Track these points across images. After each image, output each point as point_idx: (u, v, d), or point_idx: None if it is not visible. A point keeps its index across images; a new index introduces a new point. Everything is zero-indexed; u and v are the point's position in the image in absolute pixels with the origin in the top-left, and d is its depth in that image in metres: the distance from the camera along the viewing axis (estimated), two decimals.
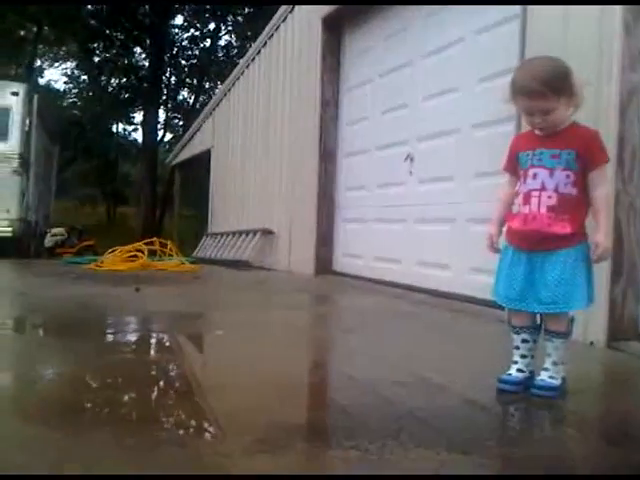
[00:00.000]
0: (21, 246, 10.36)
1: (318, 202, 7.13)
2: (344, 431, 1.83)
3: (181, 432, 1.83)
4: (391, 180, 6.02)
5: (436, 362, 2.91)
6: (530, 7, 3.95)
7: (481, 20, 4.78)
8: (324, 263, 7.11)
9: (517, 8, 4.12)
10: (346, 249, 6.94)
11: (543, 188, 2.21)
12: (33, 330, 3.76)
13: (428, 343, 3.43)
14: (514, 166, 2.37)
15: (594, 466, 1.70)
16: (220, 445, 1.70)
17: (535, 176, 2.23)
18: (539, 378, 2.26)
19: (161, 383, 2.52)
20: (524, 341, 2.31)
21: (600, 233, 2.18)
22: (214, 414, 2.00)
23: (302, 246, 7.57)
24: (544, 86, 2.11)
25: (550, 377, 2.24)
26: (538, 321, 2.32)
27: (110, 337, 3.52)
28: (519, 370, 2.31)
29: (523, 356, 2.31)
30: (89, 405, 2.07)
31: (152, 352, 3.21)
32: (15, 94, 10.29)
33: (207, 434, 1.82)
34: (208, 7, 23.98)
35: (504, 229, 2.38)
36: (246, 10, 23.80)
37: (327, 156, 7.08)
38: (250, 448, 1.65)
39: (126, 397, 2.17)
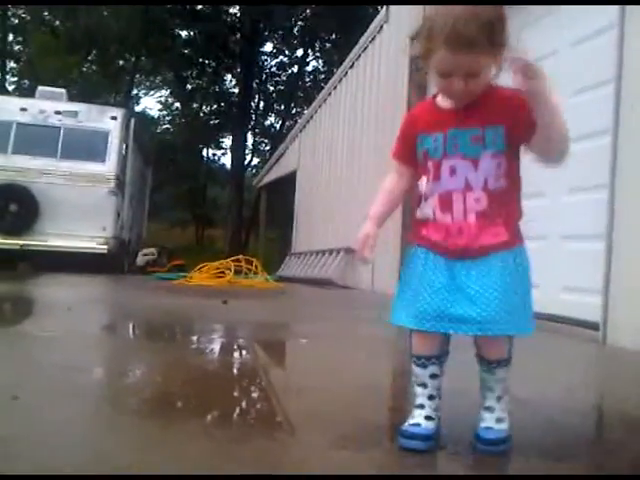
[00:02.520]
0: (115, 263, 10.80)
1: (402, 220, 7.07)
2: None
3: (267, 427, 1.83)
4: None
5: (524, 381, 2.80)
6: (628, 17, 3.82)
7: (575, 33, 4.66)
8: None
9: (613, 18, 3.99)
10: None
11: (468, 187, 1.61)
12: (127, 334, 3.90)
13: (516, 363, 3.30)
14: (409, 153, 1.71)
15: None
16: (306, 439, 1.69)
17: (453, 171, 1.62)
18: (484, 426, 1.66)
19: (245, 384, 2.54)
20: (433, 376, 1.69)
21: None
22: (298, 412, 2.00)
23: (386, 264, 7.53)
24: (483, 33, 1.46)
25: (498, 420, 1.67)
26: (449, 348, 1.75)
27: (198, 342, 3.60)
28: (428, 418, 1.66)
29: (431, 397, 1.69)
30: (177, 400, 2.11)
31: (237, 356, 3.25)
32: (114, 118, 10.83)
33: (292, 429, 1.81)
34: (297, 34, 24.61)
35: (413, 231, 1.74)
36: (334, 36, 24.27)
37: None
38: (336, 443, 1.63)
39: (212, 395, 2.20)
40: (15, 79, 28.81)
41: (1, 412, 1.79)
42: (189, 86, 26.32)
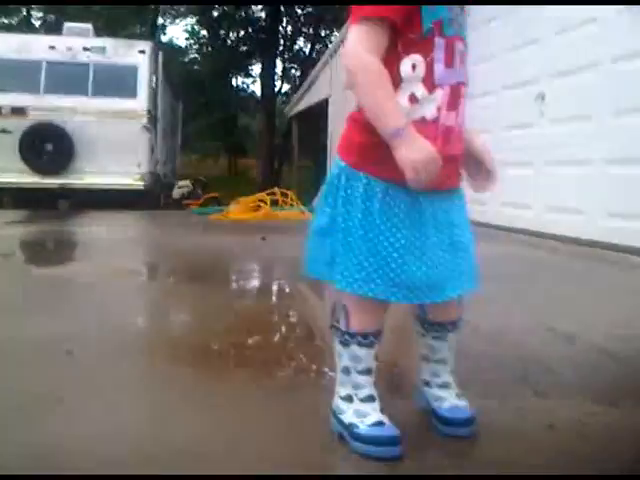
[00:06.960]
0: (151, 198, 10.87)
1: None
2: (481, 374, 1.78)
3: (312, 375, 1.85)
4: (518, 122, 5.73)
5: (568, 312, 2.77)
6: None
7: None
8: None
9: None
10: (472, 195, 6.71)
11: (466, 80, 1.29)
12: (166, 276, 3.95)
13: (561, 292, 3.26)
14: (404, 15, 1.18)
15: None
16: None
17: (462, 57, 1.26)
18: (447, 406, 1.37)
19: (286, 329, 2.56)
20: (375, 358, 1.36)
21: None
22: None
23: None
24: None
25: (458, 396, 1.40)
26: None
27: (242, 282, 3.63)
28: (383, 411, 1.32)
29: (375, 384, 1.37)
30: (222, 349, 2.13)
31: (282, 298, 3.27)
32: (142, 52, 10.63)
33: None
34: None
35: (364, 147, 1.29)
36: None
37: None
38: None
39: (257, 341, 2.22)
40: (41, 14, 28.46)
41: (58, 367, 1.84)
42: (215, 13, 25.66)
